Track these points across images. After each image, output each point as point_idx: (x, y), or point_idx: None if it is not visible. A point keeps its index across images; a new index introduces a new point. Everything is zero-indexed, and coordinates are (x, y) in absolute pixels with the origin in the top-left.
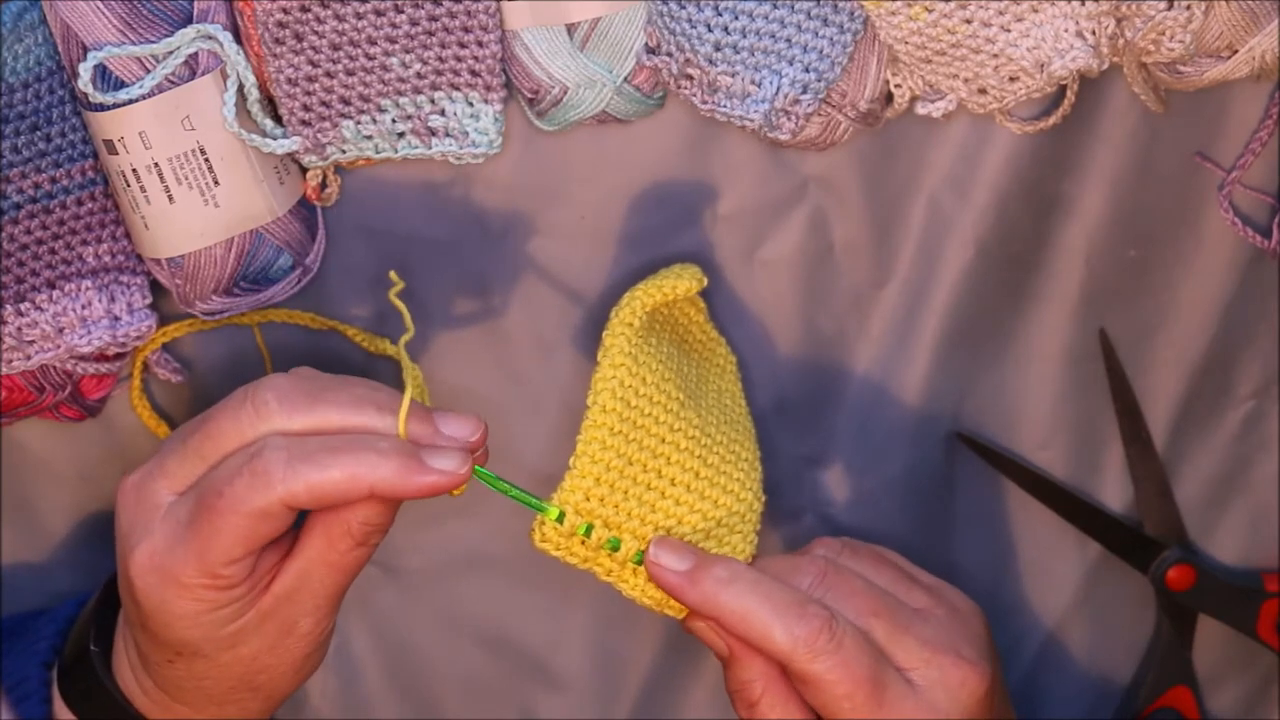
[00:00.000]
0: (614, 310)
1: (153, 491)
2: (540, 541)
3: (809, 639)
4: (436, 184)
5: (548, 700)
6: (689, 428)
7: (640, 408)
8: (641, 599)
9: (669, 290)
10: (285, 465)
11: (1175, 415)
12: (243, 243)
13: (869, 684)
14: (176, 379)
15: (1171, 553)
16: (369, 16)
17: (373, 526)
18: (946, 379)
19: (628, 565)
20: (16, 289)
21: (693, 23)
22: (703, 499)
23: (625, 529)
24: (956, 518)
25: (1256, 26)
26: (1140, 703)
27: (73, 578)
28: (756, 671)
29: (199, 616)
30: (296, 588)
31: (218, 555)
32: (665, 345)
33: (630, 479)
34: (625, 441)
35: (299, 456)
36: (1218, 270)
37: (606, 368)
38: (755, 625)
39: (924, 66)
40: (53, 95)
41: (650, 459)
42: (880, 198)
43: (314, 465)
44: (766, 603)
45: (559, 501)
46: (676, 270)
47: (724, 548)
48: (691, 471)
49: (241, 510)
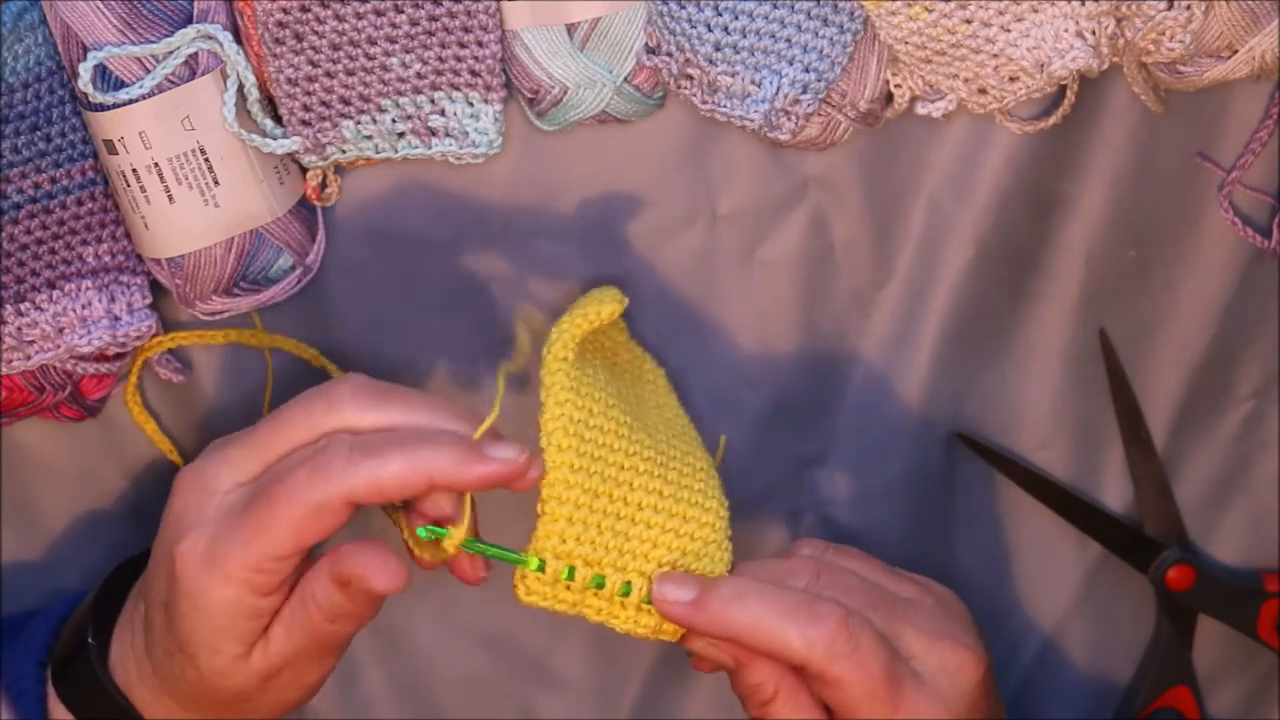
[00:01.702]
0: (545, 348)
1: (213, 477)
2: (526, 596)
3: (827, 640)
4: (436, 184)
5: (548, 700)
6: (644, 450)
7: (594, 440)
8: (635, 630)
9: (594, 317)
10: (347, 460)
11: (1175, 415)
12: (243, 243)
13: (886, 681)
14: (178, 379)
15: (1171, 553)
16: (369, 16)
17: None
18: (946, 379)
19: (615, 600)
20: (16, 289)
21: (693, 23)
22: (672, 517)
23: (606, 564)
24: (956, 518)
25: (1256, 26)
26: (1140, 703)
27: (73, 578)
28: (767, 673)
29: (223, 619)
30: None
31: (269, 546)
32: (600, 373)
33: (600, 512)
34: (588, 476)
35: (360, 451)
36: (1218, 270)
37: (552, 406)
38: (769, 635)
39: (924, 66)
40: (53, 95)
41: (615, 488)
42: (880, 198)
43: (375, 458)
44: (775, 610)
45: (535, 550)
46: (596, 296)
47: (703, 560)
48: (656, 493)
49: (299, 501)
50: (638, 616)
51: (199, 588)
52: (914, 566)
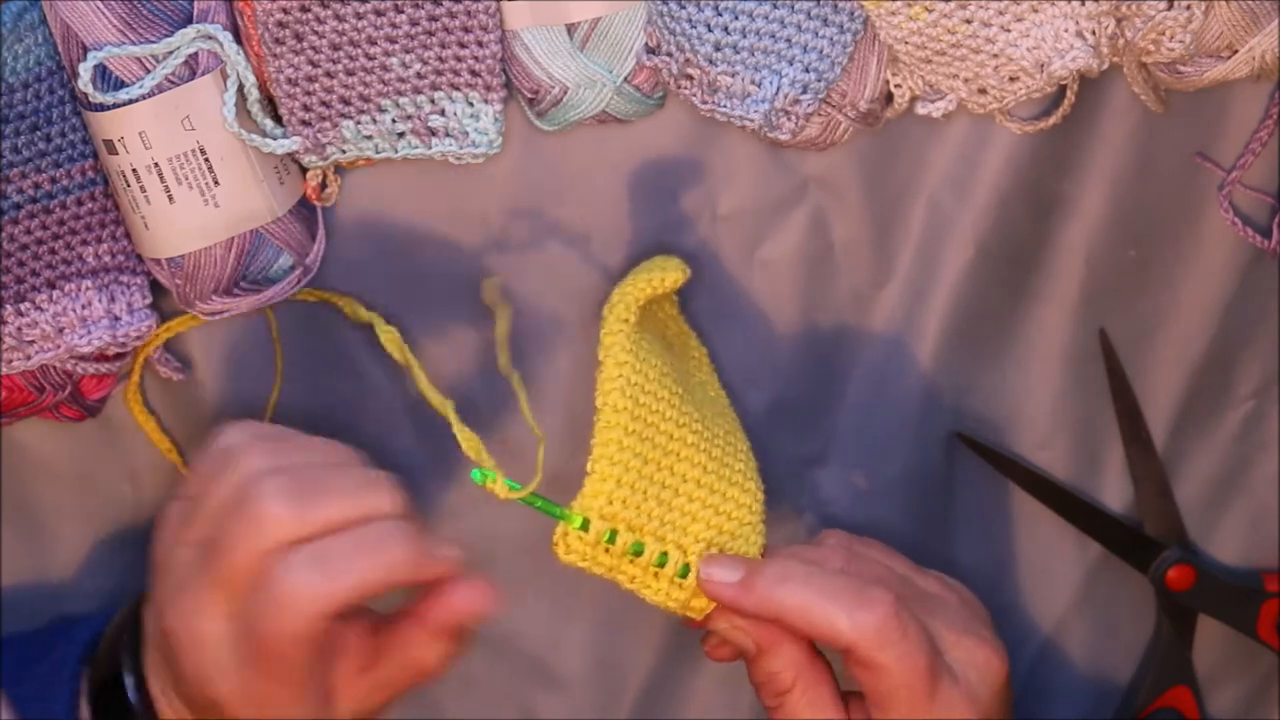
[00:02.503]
0: (607, 307)
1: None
2: (565, 554)
3: (877, 625)
4: (436, 184)
5: (548, 700)
6: (693, 423)
7: (648, 405)
8: (666, 602)
9: (658, 283)
10: (321, 582)
11: (1175, 415)
12: (243, 243)
13: (928, 674)
14: (178, 377)
15: (1171, 553)
16: (369, 16)
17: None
18: (947, 379)
19: (649, 569)
20: (16, 289)
21: (693, 23)
22: (713, 493)
23: (647, 531)
24: (956, 518)
25: (1256, 26)
26: (1140, 703)
27: (72, 578)
28: (785, 661)
29: None
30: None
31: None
32: (655, 341)
33: (648, 479)
34: (639, 441)
35: (326, 574)
36: (1218, 270)
37: (611, 366)
38: (819, 617)
39: (924, 66)
40: (53, 95)
41: (663, 457)
42: (880, 198)
43: (345, 573)
44: (825, 594)
45: (581, 508)
46: (660, 263)
47: (738, 541)
48: (700, 467)
49: (292, 643)
50: (669, 589)
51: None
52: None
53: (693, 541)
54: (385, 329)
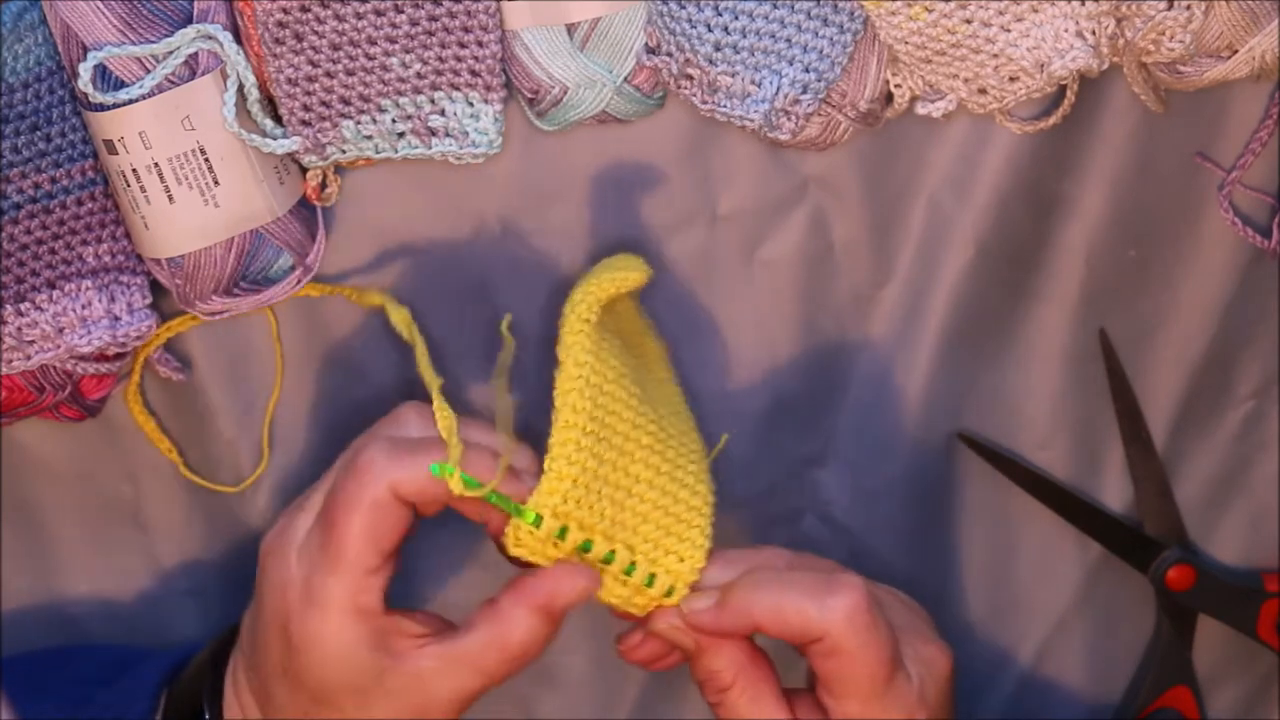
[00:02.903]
0: (568, 306)
1: (291, 530)
2: (514, 547)
3: (847, 610)
4: (436, 184)
5: (548, 700)
6: (647, 424)
7: (606, 405)
8: (608, 599)
9: (620, 283)
10: (388, 456)
11: (1175, 415)
12: (243, 243)
13: (888, 665)
14: (178, 377)
15: (1171, 553)
16: (369, 16)
17: (532, 642)
18: (947, 379)
19: (597, 566)
20: (16, 289)
21: (693, 23)
22: (664, 494)
23: (598, 530)
24: (956, 518)
25: (1256, 26)
26: (1140, 703)
27: (72, 578)
28: (725, 660)
29: (345, 648)
30: (437, 675)
31: (355, 565)
32: (614, 340)
33: (602, 479)
34: (596, 441)
35: (404, 449)
36: (1218, 270)
37: (571, 366)
38: (791, 612)
39: (924, 66)
40: (53, 95)
41: (619, 457)
42: (880, 198)
43: (418, 454)
44: (794, 589)
45: (535, 505)
46: (622, 262)
47: (684, 543)
48: (654, 469)
49: (357, 508)
50: (613, 586)
51: (313, 634)
52: (914, 566)
53: (642, 541)
54: (396, 309)
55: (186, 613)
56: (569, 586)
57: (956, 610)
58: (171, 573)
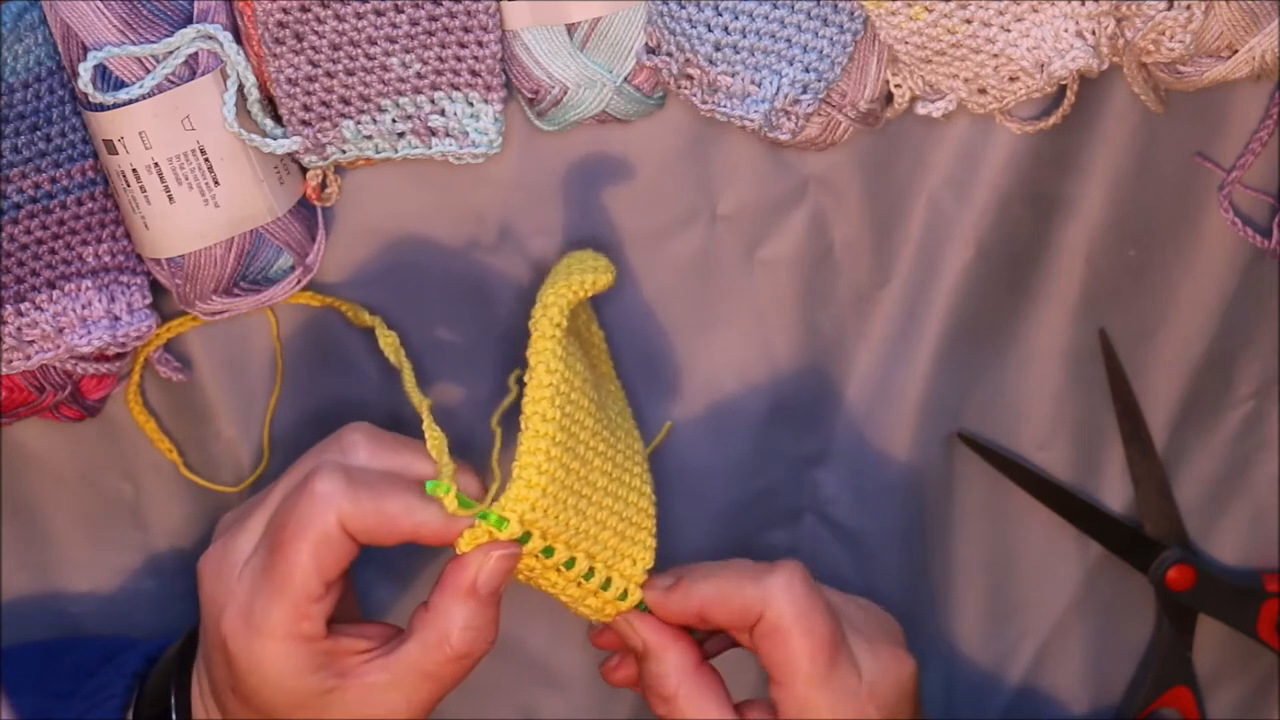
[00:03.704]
0: (539, 309)
1: (233, 549)
2: (466, 545)
3: (784, 585)
4: (436, 184)
5: (548, 700)
6: (603, 429)
7: (572, 414)
8: (560, 596)
9: (590, 285)
10: (342, 489)
11: (1175, 415)
12: (243, 243)
13: (829, 646)
14: (178, 377)
15: (1171, 553)
16: (369, 16)
17: (474, 632)
18: (947, 379)
19: (559, 569)
20: (16, 289)
21: (693, 23)
22: (617, 500)
23: (561, 539)
24: (956, 518)
25: (1256, 26)
26: (1140, 703)
27: (71, 578)
28: (670, 665)
29: (287, 676)
30: (387, 687)
31: (299, 592)
32: (574, 343)
33: (569, 489)
34: (565, 451)
35: (359, 483)
36: (1218, 270)
37: (543, 373)
38: (732, 595)
39: (924, 66)
40: (53, 95)
41: (581, 466)
42: (880, 198)
43: (371, 492)
44: (737, 573)
45: (504, 510)
46: (588, 261)
47: (636, 546)
48: (608, 474)
49: (306, 536)
50: (566, 585)
51: (255, 660)
52: (914, 566)
53: (601, 548)
54: (385, 333)
55: (186, 613)
56: (491, 564)
57: (957, 610)
58: (171, 573)
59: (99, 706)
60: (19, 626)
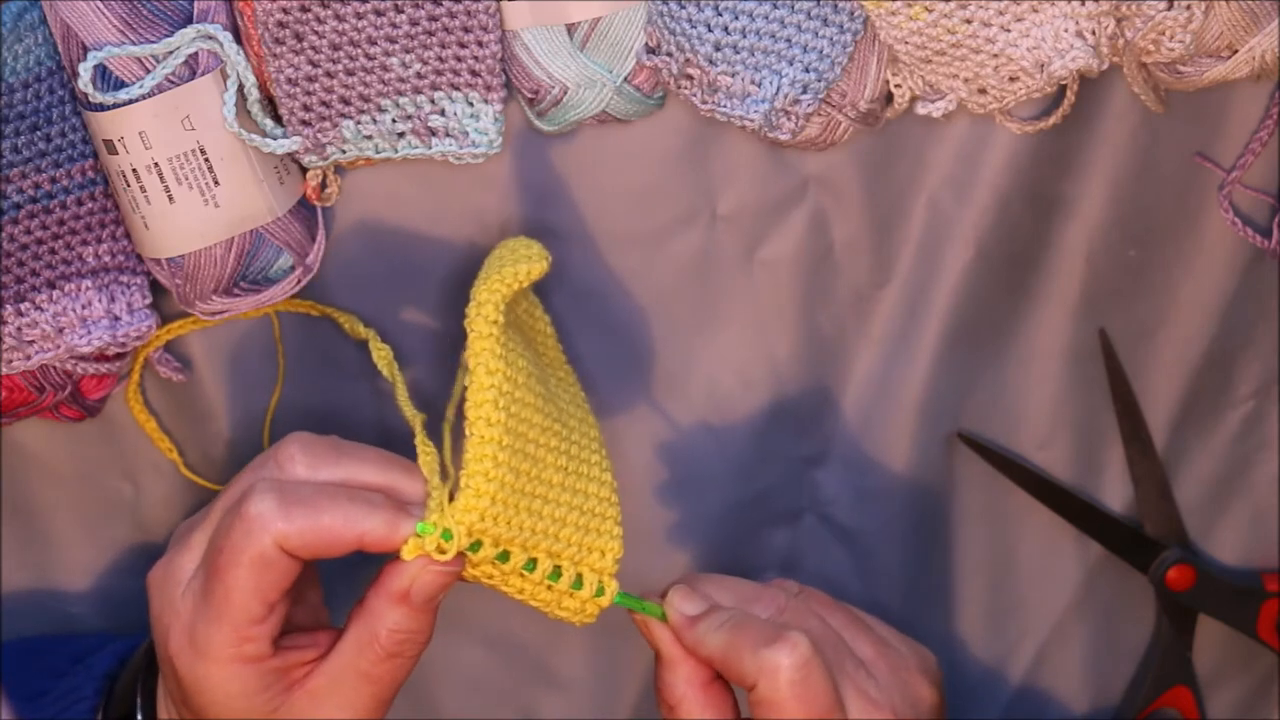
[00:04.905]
0: (473, 307)
1: (177, 567)
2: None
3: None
4: (436, 184)
5: (548, 700)
6: (554, 424)
7: (517, 413)
8: (531, 602)
9: (524, 276)
10: (275, 508)
11: (1175, 415)
12: (243, 243)
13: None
14: (178, 378)
15: (1171, 553)
16: (369, 16)
17: (403, 635)
18: (947, 379)
19: (516, 571)
20: (16, 289)
21: (693, 23)
22: (576, 494)
23: (515, 543)
24: (956, 518)
25: (1256, 26)
26: (1140, 703)
27: (72, 578)
28: (680, 675)
29: (234, 698)
30: (329, 690)
31: (239, 616)
32: (515, 335)
33: (519, 491)
34: (512, 454)
35: (292, 500)
36: (1218, 270)
37: (483, 375)
38: (731, 657)
39: (924, 66)
40: (53, 95)
41: (532, 466)
42: (880, 198)
43: (306, 508)
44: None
45: (452, 520)
46: (520, 250)
47: (602, 538)
48: (563, 470)
49: (242, 561)
50: (535, 590)
51: (201, 681)
52: (914, 566)
53: (565, 546)
54: (379, 347)
55: None
56: (428, 576)
57: (956, 610)
58: None
59: (70, 708)
60: (19, 626)
